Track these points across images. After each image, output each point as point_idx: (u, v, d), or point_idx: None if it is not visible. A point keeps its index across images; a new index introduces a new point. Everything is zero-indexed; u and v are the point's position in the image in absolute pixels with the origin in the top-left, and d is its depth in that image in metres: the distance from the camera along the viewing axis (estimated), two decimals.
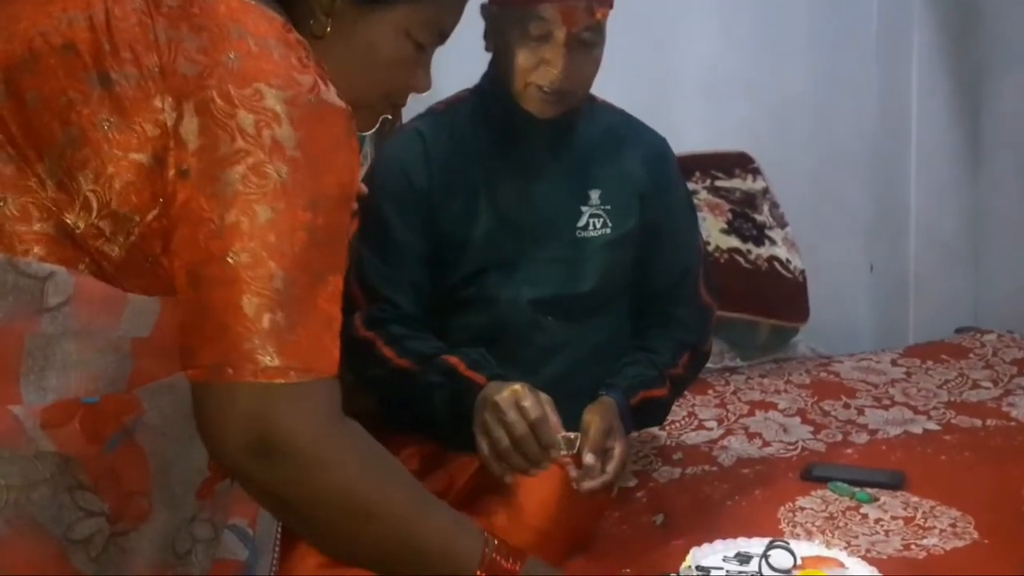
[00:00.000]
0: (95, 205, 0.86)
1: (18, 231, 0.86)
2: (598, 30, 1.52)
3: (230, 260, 0.83)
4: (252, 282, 0.83)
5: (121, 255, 0.88)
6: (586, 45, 1.51)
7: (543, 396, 1.40)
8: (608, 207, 1.61)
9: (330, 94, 0.90)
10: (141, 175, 0.86)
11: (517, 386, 1.40)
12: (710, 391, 2.19)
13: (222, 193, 0.84)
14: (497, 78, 1.58)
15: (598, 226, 1.60)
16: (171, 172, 0.85)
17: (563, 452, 1.38)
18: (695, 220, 1.78)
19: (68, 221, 0.87)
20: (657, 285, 1.66)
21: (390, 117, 1.11)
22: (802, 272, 2.49)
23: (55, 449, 0.85)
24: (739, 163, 2.65)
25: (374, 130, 1.12)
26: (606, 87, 1.66)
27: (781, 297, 2.44)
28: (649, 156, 1.66)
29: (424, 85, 1.07)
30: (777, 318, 2.43)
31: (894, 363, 2.37)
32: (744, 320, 2.39)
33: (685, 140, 2.59)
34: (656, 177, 1.65)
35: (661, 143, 1.71)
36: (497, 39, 1.56)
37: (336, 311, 0.88)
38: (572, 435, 1.38)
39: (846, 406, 2.10)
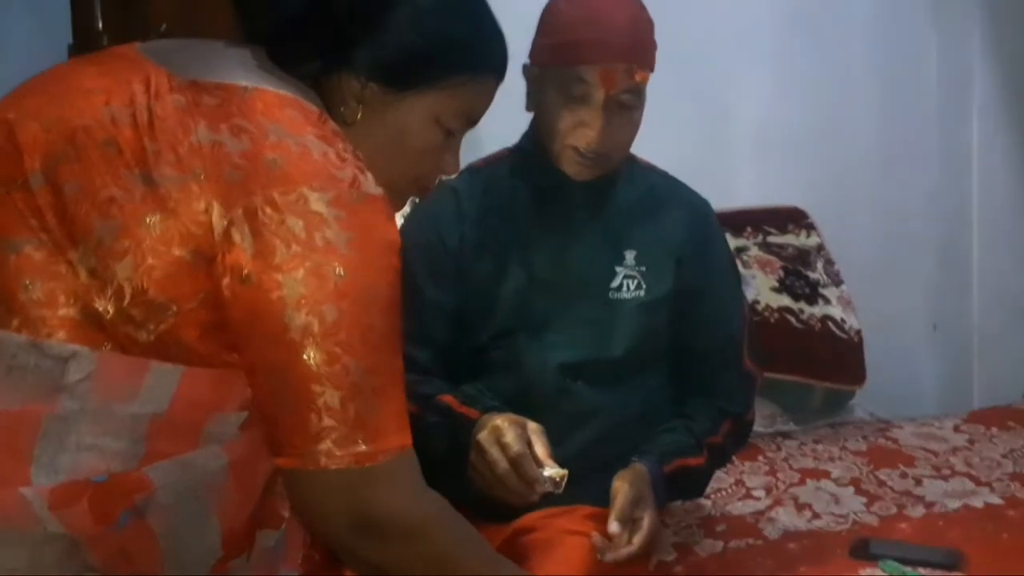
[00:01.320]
0: (128, 293, 0.88)
1: (43, 315, 0.87)
2: (637, 93, 1.49)
3: (307, 360, 0.89)
4: (331, 378, 0.89)
5: (149, 340, 0.89)
6: (625, 108, 1.48)
7: (531, 426, 1.35)
8: (643, 268, 1.57)
9: (368, 183, 0.93)
10: (183, 268, 0.89)
11: (498, 420, 1.36)
12: (760, 457, 2.11)
13: (287, 297, 0.88)
14: (536, 138, 1.56)
15: (632, 288, 1.56)
16: (226, 278, 0.89)
17: (549, 489, 1.32)
18: (738, 286, 1.71)
19: (97, 307, 0.88)
20: (698, 351, 1.60)
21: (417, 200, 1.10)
22: (858, 332, 2.40)
23: (63, 531, 0.86)
24: (792, 218, 2.58)
25: None
26: (657, 142, 1.62)
27: (835, 359, 2.34)
28: (689, 219, 1.61)
29: (453, 169, 1.11)
30: (831, 381, 2.34)
31: (956, 429, 2.26)
32: (796, 383, 2.30)
33: (737, 196, 2.57)
34: (695, 240, 1.60)
35: (703, 206, 1.65)
36: (537, 99, 1.54)
37: (403, 382, 0.96)
38: (558, 473, 1.32)
39: (903, 475, 2.00)
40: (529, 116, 1.58)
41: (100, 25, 1.96)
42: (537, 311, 1.55)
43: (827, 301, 2.41)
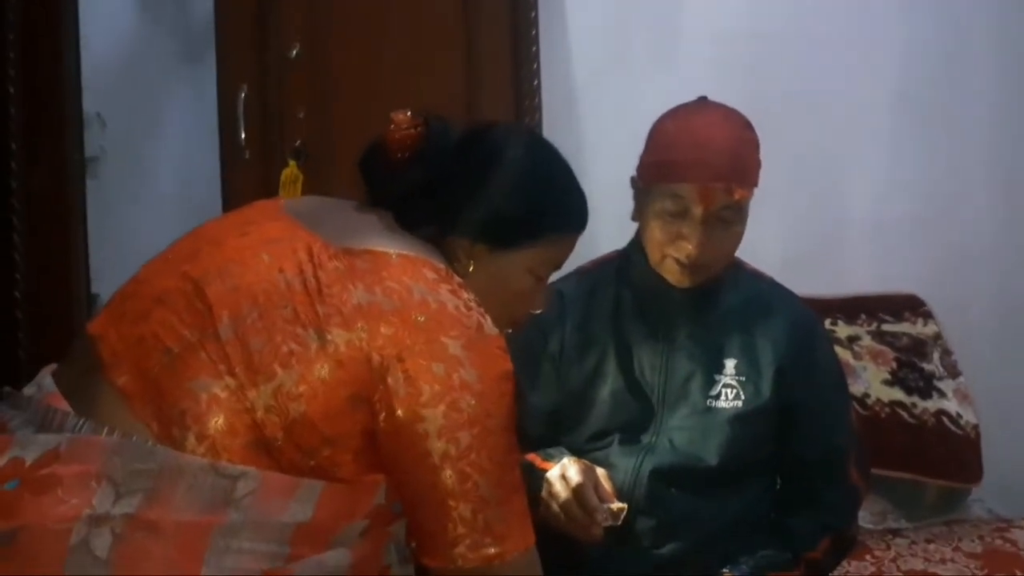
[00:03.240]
0: (301, 425, 1.05)
1: (225, 443, 1.04)
2: (737, 209, 1.53)
3: (445, 479, 1.07)
4: (464, 494, 1.08)
5: (310, 464, 1.06)
6: (724, 222, 1.53)
7: (599, 470, 1.49)
8: (742, 378, 1.58)
9: (488, 324, 1.12)
10: (346, 407, 1.06)
11: (567, 460, 1.49)
12: (868, 556, 2.08)
13: (429, 429, 1.06)
14: (640, 245, 1.61)
15: (730, 397, 1.57)
16: (382, 414, 1.07)
17: (608, 521, 1.43)
18: (845, 396, 1.69)
19: (268, 435, 1.05)
20: (801, 463, 1.60)
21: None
22: (975, 428, 2.33)
23: None
24: (908, 306, 2.53)
25: None
26: (769, 228, 1.66)
27: (950, 455, 2.28)
28: (792, 329, 1.61)
29: (540, 307, 1.31)
30: (945, 479, 2.28)
31: None
32: (908, 480, 2.26)
33: (851, 282, 2.55)
34: (799, 351, 1.59)
35: (807, 316, 1.66)
36: (640, 210, 1.60)
37: (521, 482, 1.14)
38: (616, 506, 1.44)
39: None
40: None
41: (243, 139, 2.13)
42: (634, 416, 1.58)
43: (942, 395, 2.35)
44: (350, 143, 1.30)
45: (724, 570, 1.49)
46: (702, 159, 1.51)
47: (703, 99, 1.62)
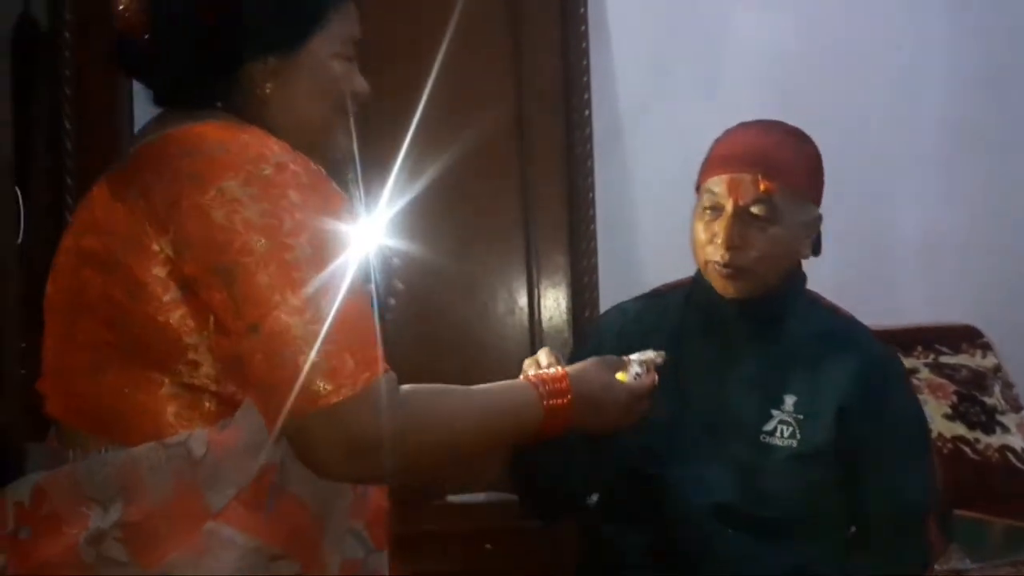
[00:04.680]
0: (179, 354, 1.04)
1: (166, 420, 1.05)
2: (768, 204, 1.50)
3: (256, 330, 1.00)
4: (282, 340, 0.99)
5: (218, 370, 1.04)
6: (758, 220, 1.50)
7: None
8: (801, 416, 1.51)
9: (271, 151, 1.04)
10: (182, 309, 1.03)
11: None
12: None
13: (224, 283, 1.01)
14: None
15: (786, 434, 1.51)
16: (176, 287, 1.03)
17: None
18: (924, 448, 1.60)
19: (168, 372, 1.04)
20: (871, 515, 1.53)
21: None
22: None
23: (248, 540, 1.03)
24: (966, 337, 2.47)
25: None
26: (820, 258, 1.61)
27: (1016, 493, 2.21)
28: (862, 368, 1.53)
29: (364, 86, 1.22)
30: (1012, 517, 2.20)
31: None
32: (972, 519, 2.18)
33: (906, 312, 2.50)
34: (866, 392, 1.52)
35: (884, 358, 1.58)
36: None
37: (362, 314, 1.04)
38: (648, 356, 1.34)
39: None
40: None
41: None
42: (687, 441, 1.53)
43: (1006, 429, 2.29)
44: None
45: None
46: (733, 152, 1.53)
47: None
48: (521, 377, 1.25)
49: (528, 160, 2.13)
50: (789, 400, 1.53)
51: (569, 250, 2.19)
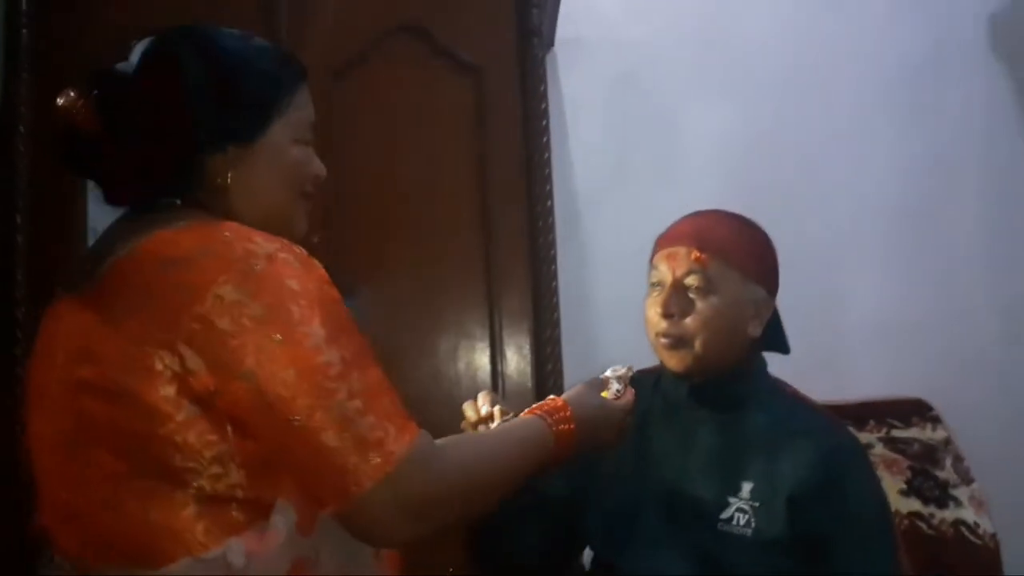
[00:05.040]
0: (202, 468, 1.02)
1: (196, 539, 1.02)
2: (702, 274, 1.53)
3: (296, 424, 1.00)
4: (322, 427, 1.00)
5: (244, 477, 1.03)
6: (696, 290, 1.54)
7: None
8: (757, 504, 1.50)
9: (256, 245, 1.04)
10: (200, 424, 1.01)
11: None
12: None
13: (251, 386, 1.00)
14: None
15: (742, 522, 1.50)
16: (205, 390, 1.01)
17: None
18: (885, 537, 1.56)
19: (192, 490, 1.02)
20: None
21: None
22: (993, 536, 2.30)
23: None
24: (916, 410, 2.52)
25: None
26: None
27: (971, 567, 2.25)
28: (815, 458, 1.51)
29: (322, 169, 1.24)
30: None
31: None
32: None
33: (859, 387, 2.54)
34: (823, 481, 1.49)
35: (843, 446, 1.56)
36: None
37: (383, 378, 1.06)
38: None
39: None
40: None
41: None
42: (647, 529, 1.54)
43: (958, 503, 2.33)
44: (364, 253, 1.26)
45: None
46: (674, 231, 1.60)
47: None
48: (523, 413, 1.31)
49: (494, 245, 2.18)
50: (746, 487, 1.52)
51: (534, 322, 2.22)
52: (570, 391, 1.36)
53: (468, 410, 1.41)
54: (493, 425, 1.41)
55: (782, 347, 1.65)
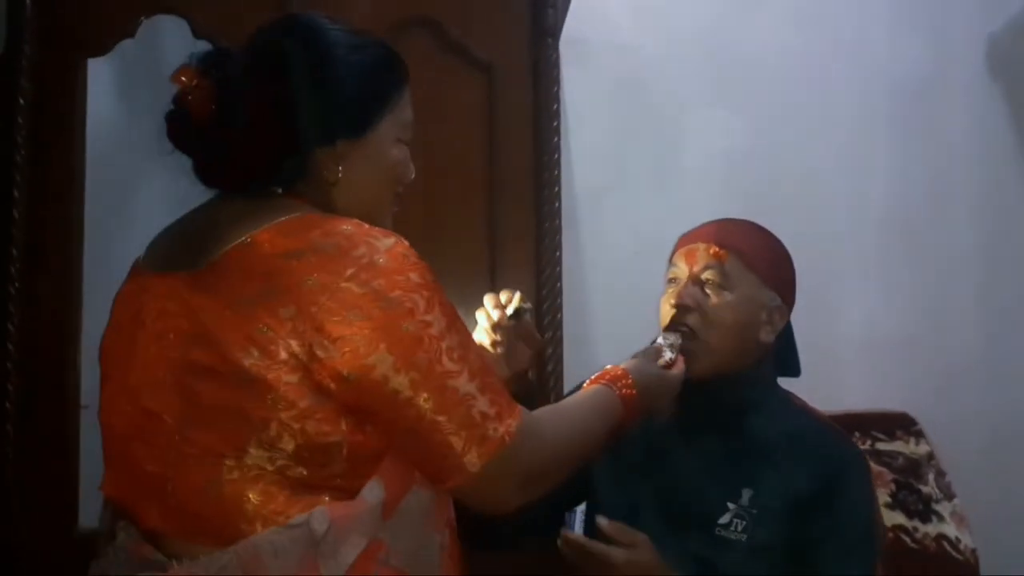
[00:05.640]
0: (310, 456, 1.06)
1: (271, 511, 1.05)
2: (719, 269, 1.55)
3: (423, 405, 1.06)
4: (449, 407, 1.07)
5: (346, 469, 1.07)
6: (711, 286, 1.55)
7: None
8: (755, 511, 1.52)
9: (369, 235, 1.08)
10: (319, 413, 1.05)
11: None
12: None
13: (384, 372, 1.05)
14: None
15: (739, 528, 1.51)
16: (332, 384, 1.05)
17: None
18: (870, 552, 1.56)
19: (294, 476, 1.05)
20: None
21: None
22: (973, 552, 2.34)
23: None
24: (900, 424, 2.54)
25: None
26: None
27: None
28: (820, 467, 1.53)
29: (412, 172, 1.26)
30: None
31: None
32: None
33: (844, 399, 2.56)
34: (822, 491, 1.51)
35: (846, 459, 1.58)
36: None
37: (487, 358, 1.17)
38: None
39: None
40: None
41: None
42: (647, 527, 1.51)
43: (941, 518, 2.36)
44: None
45: None
46: (694, 233, 1.62)
47: None
48: (586, 384, 1.38)
49: (499, 242, 2.18)
50: (746, 494, 1.53)
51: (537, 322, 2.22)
52: (628, 361, 1.41)
53: (489, 300, 1.52)
54: (509, 311, 1.51)
55: (793, 369, 1.66)
